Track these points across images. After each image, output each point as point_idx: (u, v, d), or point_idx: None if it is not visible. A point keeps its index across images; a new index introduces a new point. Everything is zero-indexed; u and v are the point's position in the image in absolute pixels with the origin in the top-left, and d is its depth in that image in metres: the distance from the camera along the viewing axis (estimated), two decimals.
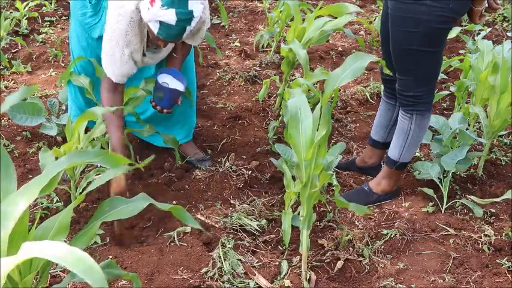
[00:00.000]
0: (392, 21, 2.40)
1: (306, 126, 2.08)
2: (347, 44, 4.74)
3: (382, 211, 2.68)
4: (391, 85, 2.65)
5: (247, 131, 3.32)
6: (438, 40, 2.38)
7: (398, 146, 2.60)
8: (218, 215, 2.54)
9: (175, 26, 2.08)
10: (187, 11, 2.07)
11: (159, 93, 2.47)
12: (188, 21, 2.10)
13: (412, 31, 2.32)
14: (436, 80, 2.58)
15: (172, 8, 2.04)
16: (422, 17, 2.28)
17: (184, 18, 2.08)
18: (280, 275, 2.22)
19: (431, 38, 2.34)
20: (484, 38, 3.90)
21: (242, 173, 2.86)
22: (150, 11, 2.07)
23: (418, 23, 2.29)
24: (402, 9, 2.32)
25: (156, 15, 2.06)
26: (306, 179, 2.10)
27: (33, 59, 4.04)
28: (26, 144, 3.00)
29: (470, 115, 3.23)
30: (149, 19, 2.10)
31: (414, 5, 2.27)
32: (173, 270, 2.20)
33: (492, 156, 3.13)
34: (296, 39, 3.14)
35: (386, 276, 2.27)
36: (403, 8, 2.32)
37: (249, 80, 3.94)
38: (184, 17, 2.08)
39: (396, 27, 2.39)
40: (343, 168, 2.98)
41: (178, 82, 2.50)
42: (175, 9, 2.04)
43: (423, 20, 2.28)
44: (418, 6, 2.27)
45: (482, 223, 2.60)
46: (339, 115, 3.54)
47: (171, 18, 2.05)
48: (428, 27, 2.30)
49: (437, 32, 2.34)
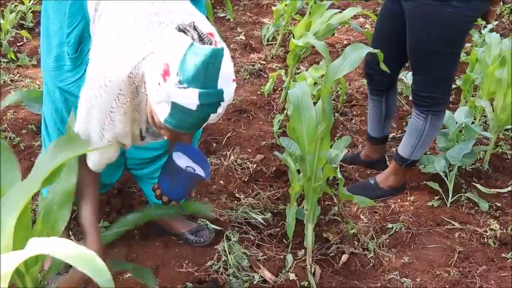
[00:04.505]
0: (412, 22, 2.36)
1: (308, 119, 2.08)
2: (352, 38, 4.72)
3: (387, 205, 2.68)
4: (375, 81, 2.65)
5: (253, 125, 3.31)
6: (460, 41, 2.38)
7: (410, 144, 2.59)
8: (223, 208, 2.54)
9: (195, 112, 1.33)
10: (215, 92, 1.33)
11: (174, 179, 1.79)
12: (214, 106, 1.35)
13: (435, 32, 2.29)
14: (452, 80, 2.56)
15: (194, 88, 1.30)
16: (447, 18, 2.26)
17: (210, 103, 1.33)
18: (285, 269, 2.23)
19: (454, 39, 2.33)
20: (491, 31, 3.87)
21: (247, 166, 2.86)
22: (161, 88, 1.32)
23: (442, 24, 2.27)
24: (425, 11, 2.29)
25: (169, 95, 1.32)
26: (310, 172, 2.10)
27: (38, 52, 4.03)
28: (32, 137, 3.01)
29: (476, 109, 3.21)
30: (159, 100, 1.35)
31: (440, 7, 2.24)
32: (178, 264, 2.21)
33: (498, 150, 3.11)
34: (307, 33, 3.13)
35: (391, 270, 2.27)
36: (427, 9, 2.28)
37: (254, 73, 3.93)
38: (210, 101, 1.33)
39: (417, 27, 2.35)
40: (348, 162, 2.98)
41: (200, 166, 1.86)
42: (199, 89, 1.30)
43: (448, 21, 2.26)
44: (444, 8, 2.24)
45: (487, 217, 2.59)
46: (344, 109, 3.53)
47: (192, 102, 1.31)
48: (452, 28, 2.28)
49: (460, 33, 2.34)
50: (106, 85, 1.48)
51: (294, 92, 2.13)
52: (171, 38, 1.34)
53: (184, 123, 1.37)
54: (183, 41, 1.30)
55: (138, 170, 2.17)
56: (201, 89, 1.30)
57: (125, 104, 1.51)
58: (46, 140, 1.99)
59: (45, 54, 1.84)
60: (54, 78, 1.81)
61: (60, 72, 1.80)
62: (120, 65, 1.46)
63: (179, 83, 1.30)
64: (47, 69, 1.85)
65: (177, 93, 1.30)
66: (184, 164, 1.81)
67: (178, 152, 1.82)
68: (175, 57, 1.30)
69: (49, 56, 1.80)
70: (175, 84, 1.30)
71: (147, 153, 2.10)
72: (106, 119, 1.53)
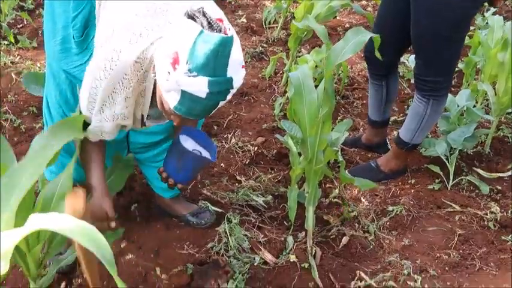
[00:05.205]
0: (419, 7, 2.33)
1: (310, 102, 2.07)
2: (354, 21, 4.69)
3: (387, 188, 2.68)
4: (376, 65, 2.64)
5: (254, 108, 3.31)
6: (465, 26, 2.37)
7: (412, 129, 2.58)
8: (224, 190, 2.54)
9: (205, 100, 1.36)
10: (225, 80, 1.35)
11: (181, 162, 1.80)
12: (224, 94, 1.38)
13: (443, 17, 2.28)
14: (456, 65, 2.55)
15: (204, 76, 1.31)
16: (457, 3, 2.24)
17: (219, 90, 1.36)
18: (285, 251, 2.24)
19: (459, 24, 2.32)
20: (494, 13, 3.85)
21: (248, 149, 2.86)
22: (171, 77, 1.34)
23: (452, 9, 2.25)
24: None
25: (178, 83, 1.33)
26: (311, 155, 2.10)
27: (38, 34, 4.02)
28: (33, 119, 3.00)
29: (478, 92, 3.20)
30: (169, 88, 1.37)
31: None
32: (179, 245, 2.22)
33: (499, 134, 3.11)
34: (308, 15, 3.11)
35: (392, 252, 2.28)
36: None
37: (255, 56, 3.92)
38: (220, 89, 1.35)
39: (425, 13, 2.33)
40: (350, 145, 2.98)
41: (206, 149, 1.88)
42: (209, 77, 1.32)
43: (458, 6, 2.24)
44: None
45: (488, 200, 2.60)
46: (345, 92, 3.52)
47: (201, 90, 1.33)
48: (461, 12, 2.27)
49: (466, 18, 2.33)
50: (112, 68, 1.49)
51: (295, 74, 2.12)
52: (180, 25, 1.33)
53: (194, 111, 1.39)
54: (193, 29, 1.30)
55: (140, 154, 2.18)
56: (211, 77, 1.32)
57: (128, 88, 1.52)
58: (48, 122, 1.98)
59: (50, 36, 1.81)
60: (59, 61, 1.79)
61: (66, 54, 1.77)
62: (127, 50, 1.47)
63: (189, 72, 1.31)
64: (52, 52, 1.81)
65: (186, 81, 1.32)
66: (191, 147, 1.82)
67: (185, 135, 1.83)
68: (185, 45, 1.30)
69: (54, 39, 1.78)
70: (184, 73, 1.31)
71: (150, 137, 2.11)
72: (108, 98, 1.55)
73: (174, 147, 1.82)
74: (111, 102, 1.56)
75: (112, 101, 1.56)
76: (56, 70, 1.81)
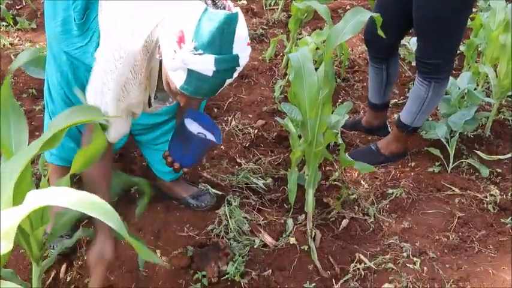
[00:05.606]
0: None
1: (310, 84, 2.06)
2: (355, 2, 4.66)
3: (387, 170, 2.68)
4: (376, 48, 2.62)
5: (254, 90, 3.29)
6: (468, 8, 2.35)
7: (412, 112, 2.57)
8: (224, 173, 2.54)
9: (211, 79, 1.35)
10: (231, 58, 1.34)
11: (186, 145, 1.79)
12: (230, 72, 1.37)
13: (445, 0, 2.26)
14: (458, 48, 2.54)
15: (210, 54, 1.30)
16: None
17: (226, 68, 1.34)
18: (285, 233, 2.24)
19: (462, 6, 2.30)
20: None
21: (248, 132, 2.86)
22: (177, 56, 1.33)
23: None
24: None
25: (185, 61, 1.32)
26: (311, 137, 2.10)
27: (37, 15, 3.99)
28: (32, 101, 3.00)
29: (479, 75, 3.19)
30: (175, 67, 1.36)
31: None
32: (179, 228, 2.23)
33: (500, 117, 3.10)
34: None
35: (391, 234, 2.29)
36: None
37: (255, 38, 3.89)
38: (226, 67, 1.34)
39: None
40: (350, 128, 2.97)
41: (210, 132, 1.86)
42: (215, 55, 1.31)
43: None
44: None
45: (487, 183, 2.60)
46: (346, 74, 3.51)
47: (208, 68, 1.32)
48: None
49: (469, 0, 2.31)
50: (121, 57, 1.49)
51: (295, 56, 2.10)
52: (184, 3, 1.33)
53: (201, 90, 1.38)
54: (197, 7, 1.30)
55: (142, 136, 2.17)
56: (217, 55, 1.31)
57: (140, 74, 1.53)
58: (49, 103, 1.97)
59: (50, 18, 1.80)
60: (60, 42, 1.77)
61: (67, 36, 1.75)
62: (135, 37, 1.47)
63: (195, 50, 1.30)
64: (52, 33, 1.80)
65: (193, 59, 1.31)
66: (195, 130, 1.81)
67: (190, 118, 1.82)
68: (190, 23, 1.29)
69: (55, 20, 1.77)
70: (190, 51, 1.30)
71: (151, 119, 2.10)
72: (121, 91, 1.54)
73: (178, 131, 1.81)
74: (126, 95, 1.56)
75: (127, 93, 1.55)
76: (57, 52, 1.80)
